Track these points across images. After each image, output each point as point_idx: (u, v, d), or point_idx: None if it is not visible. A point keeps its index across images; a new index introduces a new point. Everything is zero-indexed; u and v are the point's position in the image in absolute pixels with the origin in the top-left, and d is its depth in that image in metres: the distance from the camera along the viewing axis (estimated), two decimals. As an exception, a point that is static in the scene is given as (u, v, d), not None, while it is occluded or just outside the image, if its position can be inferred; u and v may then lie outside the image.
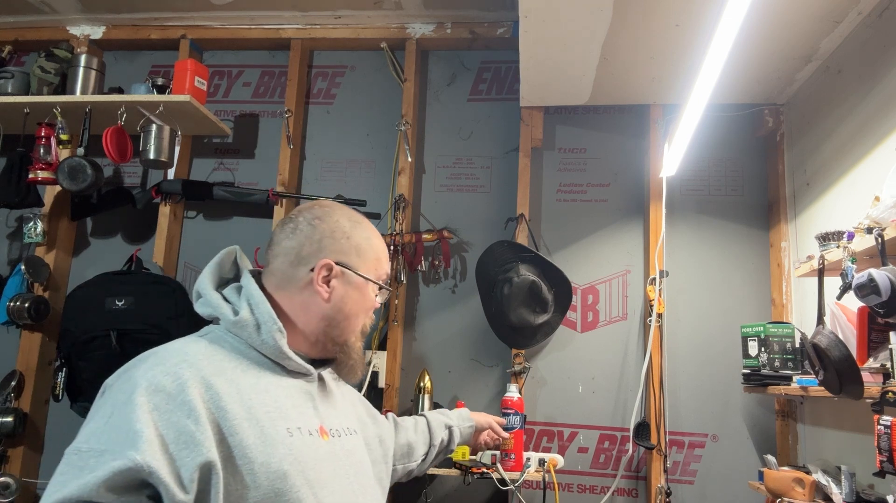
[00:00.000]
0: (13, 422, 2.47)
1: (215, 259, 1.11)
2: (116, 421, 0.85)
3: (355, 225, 1.12)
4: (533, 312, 2.39)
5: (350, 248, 1.09)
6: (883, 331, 1.61)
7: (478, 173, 2.73)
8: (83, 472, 0.81)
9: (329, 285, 1.06)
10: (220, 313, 1.03)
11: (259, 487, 0.91)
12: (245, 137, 2.87)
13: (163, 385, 0.88)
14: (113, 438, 0.84)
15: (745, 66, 2.22)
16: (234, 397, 0.93)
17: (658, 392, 2.40)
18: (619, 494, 2.43)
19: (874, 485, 1.76)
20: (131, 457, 0.81)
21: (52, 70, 2.58)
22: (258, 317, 1.02)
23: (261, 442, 0.93)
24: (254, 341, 1.01)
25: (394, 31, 2.75)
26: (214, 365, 0.96)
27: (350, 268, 1.09)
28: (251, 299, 1.03)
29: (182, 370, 0.91)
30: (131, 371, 0.93)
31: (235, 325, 1.01)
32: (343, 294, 1.08)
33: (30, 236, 2.64)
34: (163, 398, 0.87)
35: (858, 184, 1.95)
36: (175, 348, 0.97)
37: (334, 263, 1.07)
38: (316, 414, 1.06)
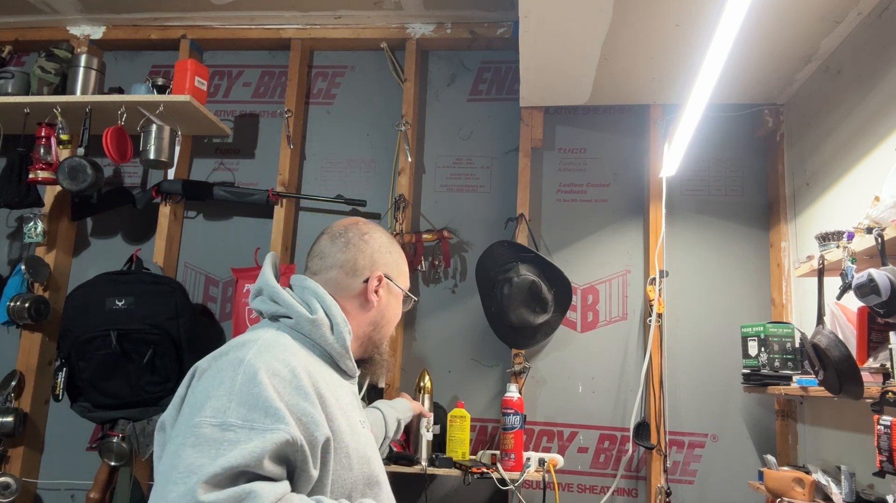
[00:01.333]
0: (13, 422, 2.47)
1: (270, 262, 1.20)
2: (245, 398, 0.89)
3: (393, 243, 1.27)
4: (533, 312, 2.39)
5: (392, 263, 1.24)
6: (883, 331, 1.61)
7: (478, 173, 2.73)
8: (235, 445, 0.84)
9: (377, 294, 1.20)
10: (293, 311, 1.09)
11: (353, 469, 1.01)
12: (245, 137, 2.87)
13: (277, 369, 0.94)
14: (252, 414, 0.88)
15: (745, 66, 2.22)
16: (326, 386, 1.01)
17: (658, 392, 2.40)
18: (619, 494, 2.43)
19: (874, 485, 1.76)
20: (288, 431, 0.88)
21: (53, 70, 2.58)
22: (332, 318, 1.11)
23: (349, 429, 1.03)
24: (325, 340, 1.09)
25: (394, 31, 2.75)
26: (304, 355, 1.04)
27: (392, 281, 1.23)
28: (323, 302, 1.13)
29: (289, 358, 0.98)
30: (235, 354, 0.96)
31: (311, 324, 1.08)
32: (387, 302, 1.23)
33: (30, 236, 2.64)
34: (281, 381, 0.93)
35: (858, 184, 1.95)
36: (270, 338, 1.02)
37: (384, 275, 1.21)
38: (360, 411, 1.18)
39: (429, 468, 2.23)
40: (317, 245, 1.22)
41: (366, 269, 1.19)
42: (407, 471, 2.21)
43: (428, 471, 2.22)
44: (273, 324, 1.11)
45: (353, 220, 1.26)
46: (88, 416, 2.39)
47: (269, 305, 1.13)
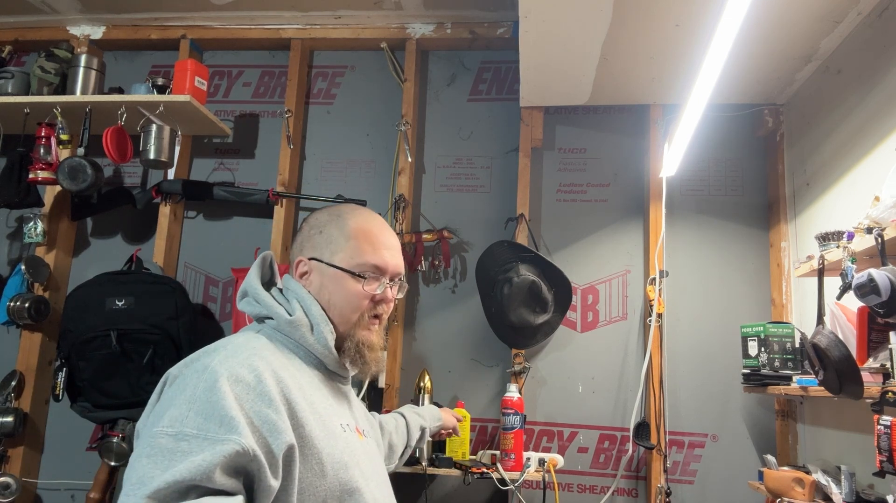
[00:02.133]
0: (13, 422, 2.47)
1: (257, 262, 1.16)
2: (203, 407, 0.87)
3: (334, 219, 1.15)
4: (533, 312, 2.39)
5: (322, 242, 1.13)
6: (883, 331, 1.61)
7: (478, 173, 2.73)
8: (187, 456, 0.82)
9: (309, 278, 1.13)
10: (273, 313, 1.07)
11: (326, 476, 0.97)
12: (245, 137, 2.87)
13: (242, 375, 0.92)
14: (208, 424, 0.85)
15: (745, 66, 2.22)
16: (298, 392, 0.98)
17: (658, 392, 2.40)
18: (619, 494, 2.43)
19: (874, 485, 1.76)
20: (238, 442, 0.84)
21: (53, 70, 2.58)
22: (311, 318, 1.08)
23: (324, 434, 0.99)
24: (306, 341, 1.07)
25: (394, 31, 2.75)
26: (278, 359, 1.01)
27: (322, 261, 1.12)
28: (302, 301, 1.09)
29: (256, 362, 0.95)
30: (201, 361, 0.94)
31: (290, 325, 1.06)
32: (319, 286, 1.12)
33: (30, 236, 2.64)
34: (244, 388, 0.90)
35: (858, 184, 1.95)
36: (240, 342, 1.01)
37: (307, 259, 1.13)
38: (352, 414, 1.14)
39: (429, 468, 2.23)
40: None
41: (295, 258, 1.15)
42: (407, 471, 2.21)
43: (428, 471, 2.22)
44: (258, 326, 1.10)
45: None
46: (88, 416, 2.39)
47: (253, 307, 1.11)
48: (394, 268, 1.16)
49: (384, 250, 1.15)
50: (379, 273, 1.13)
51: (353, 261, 1.12)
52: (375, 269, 1.13)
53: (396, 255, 1.17)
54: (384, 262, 1.14)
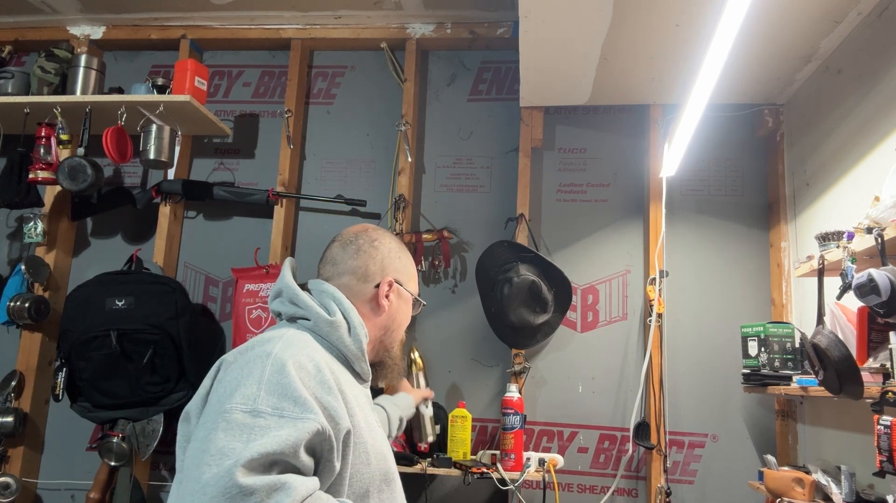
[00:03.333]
0: (13, 422, 2.47)
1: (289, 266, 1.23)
2: (275, 387, 0.91)
3: (402, 249, 1.29)
4: (533, 312, 2.39)
5: (402, 268, 1.27)
6: (883, 331, 1.61)
7: (478, 173, 2.73)
8: (266, 431, 0.86)
9: (388, 299, 1.23)
10: (312, 313, 1.12)
11: (370, 464, 1.04)
12: (245, 137, 2.87)
13: (304, 363, 0.97)
14: (283, 402, 0.90)
15: (745, 66, 2.22)
16: (345, 385, 1.04)
17: (658, 392, 2.40)
18: (619, 494, 2.43)
19: (874, 485, 1.76)
20: (318, 420, 0.90)
21: (53, 70, 2.58)
22: (350, 320, 1.14)
23: (367, 426, 1.06)
24: (342, 342, 1.12)
25: (394, 31, 2.75)
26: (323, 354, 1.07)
27: (402, 285, 1.26)
28: (341, 305, 1.15)
29: (313, 353, 1.02)
30: (260, 348, 0.99)
31: (329, 325, 1.11)
32: (397, 307, 1.25)
33: (30, 236, 2.64)
34: (307, 374, 0.96)
35: (858, 184, 1.95)
36: (294, 335, 1.06)
37: (394, 281, 1.24)
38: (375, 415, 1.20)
39: (429, 468, 2.23)
40: (328, 252, 1.25)
41: (377, 275, 1.22)
42: (407, 470, 2.21)
43: (428, 470, 2.22)
44: (292, 324, 1.13)
45: (363, 226, 1.29)
46: (88, 416, 2.39)
47: (288, 307, 1.15)
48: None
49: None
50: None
51: (416, 290, 1.31)
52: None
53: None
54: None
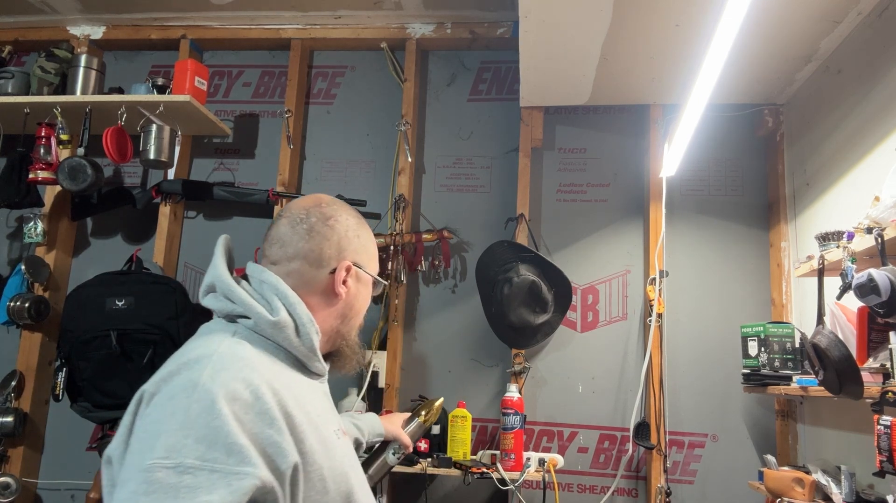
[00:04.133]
0: (13, 422, 2.47)
1: (221, 250, 1.07)
2: (203, 432, 0.77)
3: (360, 224, 1.12)
4: (533, 312, 2.39)
5: (361, 248, 1.11)
6: (883, 331, 1.61)
7: (478, 173, 2.73)
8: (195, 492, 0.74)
9: (346, 285, 1.07)
10: (252, 312, 0.97)
11: (328, 492, 0.91)
12: (245, 137, 2.87)
13: (238, 392, 0.82)
14: (212, 452, 0.76)
15: (745, 66, 2.22)
16: (295, 402, 0.90)
17: (658, 392, 2.40)
18: (619, 494, 2.43)
19: (874, 485, 1.76)
20: (256, 475, 0.78)
21: (53, 70, 2.58)
22: (297, 318, 0.99)
23: (322, 447, 0.92)
24: (289, 343, 0.98)
25: (394, 31, 2.75)
26: (269, 367, 0.92)
27: (362, 268, 1.10)
28: (286, 300, 1.00)
29: (249, 374, 0.86)
30: (184, 376, 0.84)
31: (273, 327, 0.96)
32: (356, 292, 1.10)
33: (30, 236, 2.64)
34: (242, 406, 0.81)
35: (858, 184, 1.95)
36: (225, 351, 0.90)
37: (352, 264, 1.08)
38: (335, 415, 1.09)
39: (429, 468, 2.22)
40: (275, 229, 1.07)
41: (332, 260, 1.06)
42: (407, 470, 2.21)
43: (428, 471, 2.22)
44: (229, 325, 0.98)
45: (314, 199, 1.10)
46: (88, 416, 2.39)
47: (223, 303, 1.00)
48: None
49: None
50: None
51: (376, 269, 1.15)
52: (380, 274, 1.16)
53: None
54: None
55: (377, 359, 2.50)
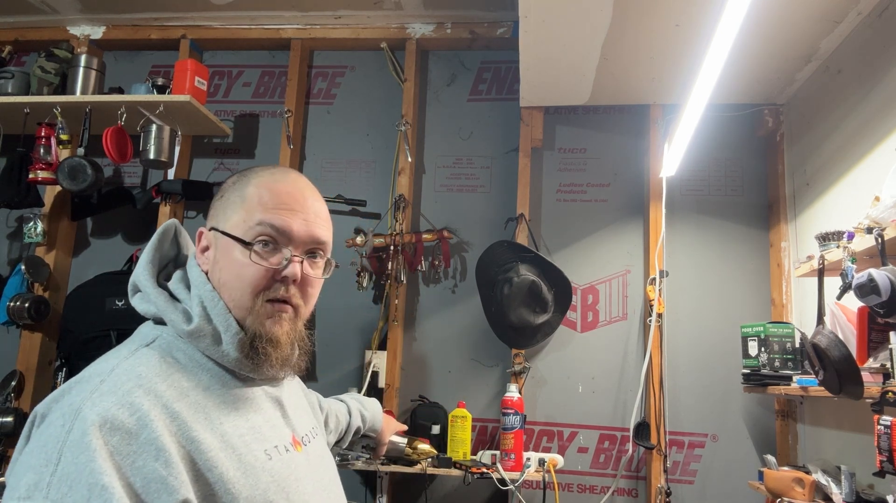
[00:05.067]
0: (13, 422, 2.47)
1: (152, 241, 0.93)
2: (69, 470, 0.68)
3: (240, 178, 0.92)
4: (533, 312, 2.39)
5: (221, 208, 0.91)
6: (883, 331, 1.61)
7: (478, 173, 2.73)
8: None
9: (206, 255, 0.91)
10: (169, 319, 0.85)
11: None
12: (245, 137, 2.87)
13: (119, 421, 0.72)
14: (74, 494, 0.67)
15: (745, 66, 2.22)
16: (204, 424, 0.79)
17: (658, 392, 2.40)
18: (619, 494, 2.43)
19: (874, 485, 1.76)
20: None
21: (53, 70, 2.58)
22: (217, 324, 0.85)
23: (241, 473, 0.80)
24: (212, 353, 0.85)
25: (394, 31, 2.75)
26: (174, 386, 0.80)
27: (218, 229, 0.89)
28: (206, 301, 0.86)
29: (139, 399, 0.74)
30: (71, 398, 0.74)
31: (189, 335, 0.84)
32: (213, 260, 0.89)
33: (30, 236, 2.64)
34: (122, 438, 0.71)
35: (858, 184, 1.95)
36: (124, 368, 0.79)
37: (207, 230, 0.91)
38: (287, 423, 0.94)
39: (429, 468, 2.22)
40: None
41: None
42: (407, 471, 2.21)
43: (428, 471, 2.22)
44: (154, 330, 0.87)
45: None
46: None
47: (147, 306, 0.89)
48: (303, 235, 0.89)
49: (285, 210, 0.88)
50: (279, 238, 0.87)
51: (245, 226, 0.87)
52: (276, 235, 0.87)
53: (311, 220, 0.91)
54: (284, 224, 0.87)
55: (377, 359, 2.50)
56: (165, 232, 0.95)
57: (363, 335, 2.61)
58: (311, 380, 2.60)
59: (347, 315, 2.63)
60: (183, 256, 0.97)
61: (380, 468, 2.24)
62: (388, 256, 2.53)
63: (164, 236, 0.95)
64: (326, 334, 2.63)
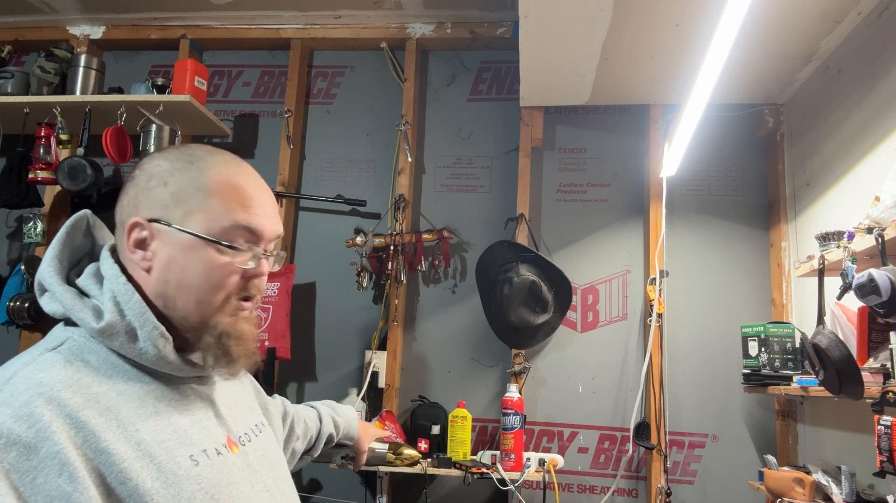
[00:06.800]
0: (13, 422, 2.47)
1: (59, 235, 0.85)
2: None
3: (185, 165, 0.83)
4: (533, 312, 2.39)
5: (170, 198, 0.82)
6: (883, 331, 1.61)
7: (478, 173, 2.73)
8: None
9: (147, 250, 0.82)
10: (77, 317, 0.78)
11: None
12: (245, 137, 2.87)
13: (16, 435, 0.66)
14: None
15: (745, 66, 2.22)
16: (116, 433, 0.72)
17: (658, 392, 2.40)
18: (619, 494, 2.43)
19: (874, 485, 1.76)
20: None
21: (52, 70, 2.58)
22: (131, 319, 0.78)
23: (161, 483, 0.73)
24: (128, 352, 0.78)
25: (394, 31, 2.75)
26: (81, 393, 0.72)
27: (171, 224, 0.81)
28: (118, 295, 0.79)
29: (38, 409, 0.68)
30: None
31: (101, 334, 0.77)
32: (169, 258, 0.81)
33: (30, 236, 2.64)
34: (19, 454, 0.65)
35: (858, 184, 1.95)
36: (23, 375, 0.72)
37: (146, 221, 0.81)
38: (220, 423, 0.87)
39: (429, 468, 2.22)
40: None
41: (127, 218, 0.83)
42: (407, 471, 2.21)
43: (428, 471, 2.22)
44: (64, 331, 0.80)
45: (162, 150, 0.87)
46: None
47: (54, 306, 0.81)
48: (272, 233, 0.87)
49: (256, 209, 0.85)
50: (253, 240, 0.85)
51: (216, 226, 0.81)
52: (248, 236, 0.84)
53: (275, 217, 0.89)
54: (260, 226, 0.85)
55: (377, 359, 2.50)
56: (76, 224, 0.87)
57: (363, 335, 2.61)
58: (311, 380, 2.61)
59: (347, 315, 2.63)
60: (98, 248, 0.89)
61: (380, 468, 2.24)
62: (388, 256, 2.53)
63: (75, 229, 0.87)
64: (326, 334, 2.63)
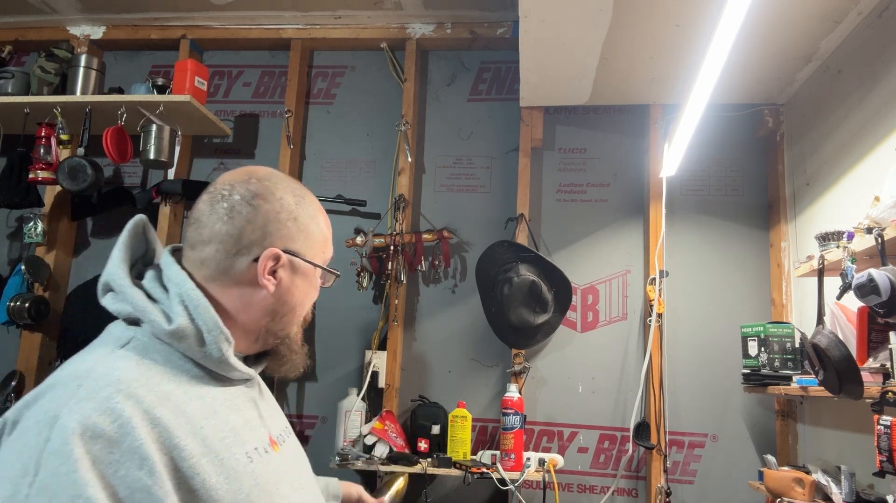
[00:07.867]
0: (13, 422, 2.47)
1: (123, 238, 0.90)
2: (49, 481, 0.65)
3: (300, 201, 0.93)
4: (533, 312, 2.39)
5: (297, 232, 0.92)
6: (883, 331, 1.61)
7: (478, 173, 2.73)
8: None
9: (275, 276, 0.90)
10: (148, 319, 0.83)
11: None
12: (245, 137, 2.87)
13: (100, 428, 0.69)
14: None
15: (745, 66, 2.22)
16: (186, 429, 0.76)
17: (658, 392, 2.40)
18: (619, 494, 2.43)
19: (874, 485, 1.76)
20: None
21: (53, 70, 2.58)
22: (200, 325, 0.83)
23: (224, 478, 0.78)
24: (194, 353, 0.83)
25: (394, 31, 2.75)
26: (154, 391, 0.77)
27: (298, 256, 0.92)
28: (188, 300, 0.84)
29: (120, 404, 0.71)
30: (45, 404, 0.71)
31: (171, 336, 0.82)
32: (290, 285, 0.91)
33: (30, 236, 2.64)
34: (104, 446, 0.68)
35: (858, 184, 1.95)
36: (101, 371, 0.75)
37: (282, 252, 0.90)
38: (263, 423, 0.93)
39: (429, 468, 2.23)
40: (195, 208, 0.91)
41: (255, 246, 0.88)
42: (407, 470, 2.21)
43: (428, 471, 2.22)
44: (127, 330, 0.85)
45: (244, 172, 0.92)
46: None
47: (122, 305, 0.86)
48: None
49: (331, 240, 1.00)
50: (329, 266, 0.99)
51: (323, 256, 0.97)
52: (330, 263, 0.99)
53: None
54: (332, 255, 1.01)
55: (377, 359, 2.50)
56: (135, 228, 0.91)
57: (363, 335, 2.61)
58: (311, 379, 2.61)
59: (347, 315, 2.63)
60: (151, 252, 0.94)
61: (380, 468, 2.25)
62: (388, 256, 2.53)
63: (135, 232, 0.92)
64: (326, 334, 2.63)
